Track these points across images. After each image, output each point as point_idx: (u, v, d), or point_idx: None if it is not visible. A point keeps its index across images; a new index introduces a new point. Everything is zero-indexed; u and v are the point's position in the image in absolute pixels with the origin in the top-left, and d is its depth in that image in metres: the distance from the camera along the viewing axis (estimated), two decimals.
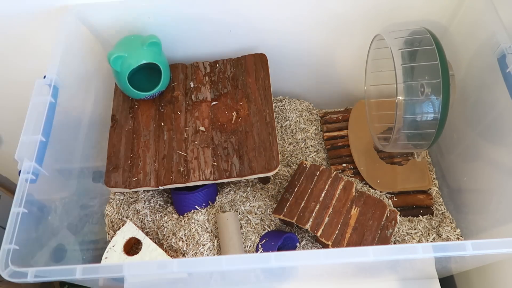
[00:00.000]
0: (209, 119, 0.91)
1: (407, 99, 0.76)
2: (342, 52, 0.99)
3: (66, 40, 0.78)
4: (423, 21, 0.89)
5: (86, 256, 0.84)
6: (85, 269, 0.58)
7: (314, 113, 1.10)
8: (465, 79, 0.87)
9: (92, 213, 0.91)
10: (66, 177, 0.82)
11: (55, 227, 0.75)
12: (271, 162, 0.84)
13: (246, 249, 0.85)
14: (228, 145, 0.87)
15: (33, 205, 0.66)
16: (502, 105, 0.74)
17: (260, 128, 0.88)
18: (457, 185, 0.93)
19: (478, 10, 0.80)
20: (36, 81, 0.72)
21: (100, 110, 0.95)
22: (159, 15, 0.87)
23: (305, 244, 0.88)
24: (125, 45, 0.85)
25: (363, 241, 0.82)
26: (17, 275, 0.58)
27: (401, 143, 0.83)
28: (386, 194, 0.96)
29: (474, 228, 0.86)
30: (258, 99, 0.91)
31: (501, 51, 0.72)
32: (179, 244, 0.85)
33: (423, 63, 0.76)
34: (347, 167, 1.00)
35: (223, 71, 0.97)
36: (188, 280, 0.77)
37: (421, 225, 0.91)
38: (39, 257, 0.68)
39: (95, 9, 0.84)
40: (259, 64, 0.96)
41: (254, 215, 0.89)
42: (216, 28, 0.91)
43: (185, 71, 0.97)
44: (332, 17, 0.89)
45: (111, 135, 0.91)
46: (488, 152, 0.82)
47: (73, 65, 0.81)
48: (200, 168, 0.85)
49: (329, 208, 0.84)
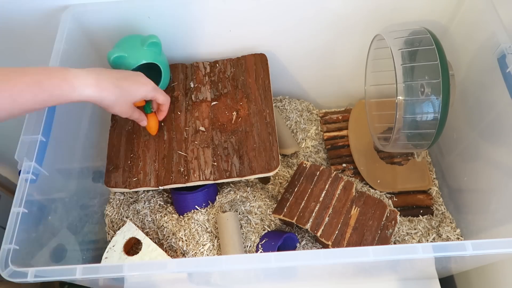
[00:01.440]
0: (209, 119, 0.91)
1: (407, 99, 0.76)
2: (342, 52, 0.99)
3: (66, 40, 0.79)
4: (423, 21, 0.89)
5: (86, 256, 0.84)
6: (85, 269, 0.58)
7: (314, 113, 1.10)
8: (465, 79, 0.87)
9: (92, 213, 0.91)
10: (66, 177, 0.82)
11: (55, 227, 0.75)
12: (271, 162, 0.84)
13: (246, 249, 0.85)
14: (228, 145, 0.87)
15: (33, 205, 0.66)
16: (502, 105, 0.74)
17: (260, 128, 0.88)
18: (457, 185, 0.93)
19: (478, 10, 0.80)
20: None
21: (100, 110, 0.94)
22: (159, 15, 0.87)
23: (305, 244, 0.88)
24: (125, 45, 0.85)
25: (363, 241, 0.82)
26: (17, 275, 0.58)
27: (401, 143, 0.83)
28: (386, 194, 0.96)
29: (474, 228, 0.86)
30: (258, 99, 0.91)
31: (501, 51, 0.72)
32: (179, 244, 0.85)
33: (423, 63, 0.76)
34: (347, 167, 1.00)
35: (223, 71, 0.96)
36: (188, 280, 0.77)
37: (421, 225, 0.91)
38: (39, 257, 0.68)
39: (95, 9, 0.84)
40: (259, 64, 0.96)
41: (254, 215, 0.89)
42: (216, 28, 0.91)
43: (185, 71, 0.97)
44: (332, 17, 0.89)
45: (111, 135, 0.91)
46: (488, 152, 0.82)
47: (73, 65, 0.81)
48: (200, 168, 0.85)
49: (329, 208, 0.84)
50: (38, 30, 0.86)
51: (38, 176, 0.67)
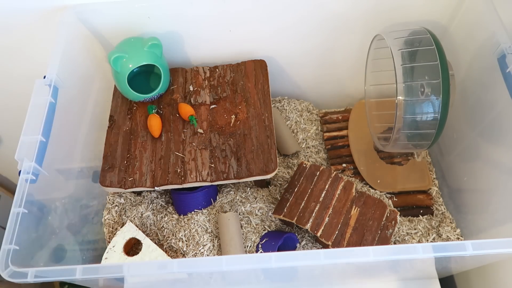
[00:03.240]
0: (207, 121, 0.91)
1: (407, 99, 0.76)
2: (342, 52, 0.99)
3: (66, 40, 0.78)
4: (423, 21, 0.89)
5: (86, 256, 0.84)
6: (85, 269, 0.58)
7: (314, 113, 1.10)
8: (465, 79, 0.87)
9: (92, 213, 0.91)
10: (66, 177, 0.82)
11: (55, 227, 0.75)
12: (269, 164, 0.84)
13: (246, 249, 0.85)
14: (226, 147, 0.87)
15: (33, 205, 0.66)
16: (502, 105, 0.74)
17: (258, 131, 0.88)
18: (457, 185, 0.93)
19: (478, 10, 0.80)
20: (36, 81, 0.72)
21: (100, 110, 0.95)
22: (159, 15, 0.87)
23: (305, 244, 0.88)
24: (126, 46, 0.85)
25: (363, 241, 0.82)
26: (17, 275, 0.58)
27: (401, 143, 0.83)
28: (386, 194, 0.96)
29: (474, 228, 0.86)
30: (257, 103, 0.92)
31: (501, 51, 0.72)
32: (179, 244, 0.85)
33: (423, 63, 0.76)
34: (347, 167, 1.00)
35: (223, 75, 0.97)
36: (188, 280, 0.77)
37: (421, 225, 0.91)
38: (39, 257, 0.68)
39: (95, 9, 0.84)
40: (258, 70, 0.96)
41: (255, 215, 0.89)
42: (216, 28, 0.91)
43: (184, 75, 0.98)
44: (332, 17, 0.89)
45: (108, 135, 0.91)
46: (488, 152, 0.82)
47: (73, 65, 0.81)
48: (197, 169, 0.85)
49: (329, 208, 0.84)
50: (38, 30, 0.86)
51: (38, 176, 0.67)
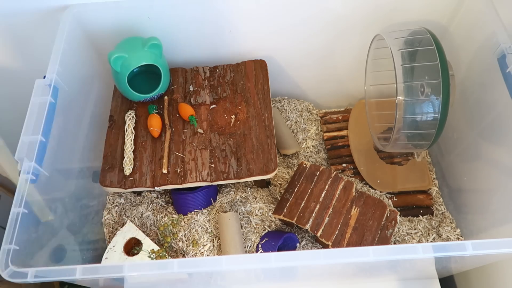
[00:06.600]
0: (207, 121, 0.91)
1: (407, 99, 0.76)
2: (342, 52, 0.99)
3: (66, 40, 0.78)
4: (423, 21, 0.89)
5: (86, 256, 0.84)
6: (85, 269, 0.58)
7: (314, 113, 1.10)
8: (465, 79, 0.87)
9: (92, 213, 0.91)
10: (66, 177, 0.81)
11: (55, 227, 0.75)
12: (269, 164, 0.84)
13: (246, 249, 0.85)
14: (226, 147, 0.87)
15: (33, 205, 0.66)
16: (502, 105, 0.74)
17: (258, 131, 0.88)
18: (457, 185, 0.93)
19: (478, 10, 0.80)
20: (36, 81, 0.72)
21: (100, 111, 0.95)
22: (159, 15, 0.87)
23: (305, 244, 0.88)
24: (126, 46, 0.85)
25: (363, 241, 0.82)
26: (17, 275, 0.58)
27: (401, 143, 0.83)
28: (386, 194, 0.96)
29: (474, 228, 0.86)
30: (257, 103, 0.92)
31: (501, 51, 0.72)
32: (179, 244, 0.85)
33: (423, 63, 0.76)
34: (347, 167, 1.00)
35: (223, 76, 0.97)
36: (188, 280, 0.77)
37: (421, 225, 0.91)
38: (39, 257, 0.68)
39: (95, 10, 0.84)
40: (258, 70, 0.96)
41: (255, 215, 0.89)
42: (216, 28, 0.91)
43: (184, 75, 0.98)
44: (332, 17, 0.89)
45: (108, 135, 0.91)
46: (488, 152, 0.82)
47: (73, 65, 0.81)
48: (197, 170, 0.85)
49: (329, 208, 0.84)
50: (38, 30, 0.86)
51: (38, 176, 0.67)
